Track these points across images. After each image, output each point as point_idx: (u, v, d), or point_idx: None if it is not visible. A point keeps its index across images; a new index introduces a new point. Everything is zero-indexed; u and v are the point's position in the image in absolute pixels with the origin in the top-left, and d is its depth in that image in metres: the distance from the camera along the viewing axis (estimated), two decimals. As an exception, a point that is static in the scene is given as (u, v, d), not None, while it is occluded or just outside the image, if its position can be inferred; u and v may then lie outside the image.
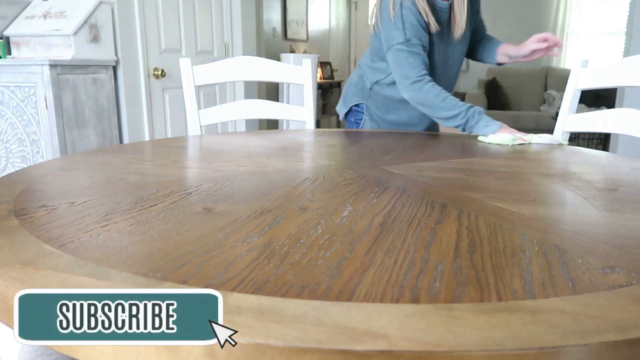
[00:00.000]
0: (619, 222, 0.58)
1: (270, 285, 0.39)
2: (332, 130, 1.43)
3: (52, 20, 2.20)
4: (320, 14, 5.51)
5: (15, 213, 0.57)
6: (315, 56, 4.55)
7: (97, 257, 0.44)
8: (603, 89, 3.96)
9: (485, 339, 0.31)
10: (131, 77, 2.50)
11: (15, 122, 2.19)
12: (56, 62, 2.08)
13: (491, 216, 0.58)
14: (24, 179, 0.75)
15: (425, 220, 0.56)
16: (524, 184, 0.77)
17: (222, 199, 0.65)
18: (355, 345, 0.31)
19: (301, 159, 0.99)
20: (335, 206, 0.62)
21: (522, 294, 0.38)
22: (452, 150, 1.14)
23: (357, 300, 0.36)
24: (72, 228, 0.52)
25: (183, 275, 0.41)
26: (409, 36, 1.29)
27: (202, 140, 1.24)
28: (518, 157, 1.02)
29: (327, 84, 5.21)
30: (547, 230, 0.54)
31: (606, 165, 0.95)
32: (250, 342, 0.31)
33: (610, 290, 0.39)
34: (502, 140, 1.17)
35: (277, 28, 4.53)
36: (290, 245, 0.48)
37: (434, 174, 0.83)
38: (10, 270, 0.41)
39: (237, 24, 3.23)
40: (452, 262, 0.44)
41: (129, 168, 0.86)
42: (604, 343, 0.31)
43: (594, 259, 0.45)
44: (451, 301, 0.37)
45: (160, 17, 2.67)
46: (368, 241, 0.49)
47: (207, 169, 0.87)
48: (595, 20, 5.41)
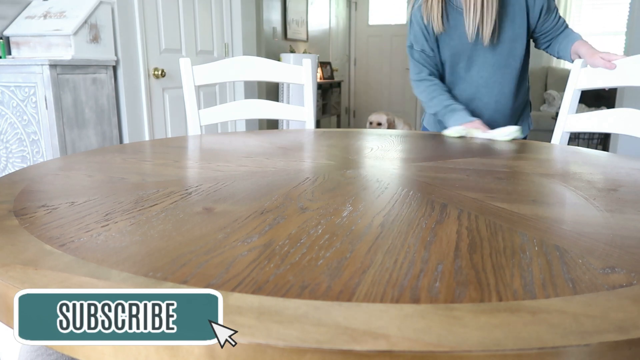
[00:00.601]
0: (619, 222, 0.58)
1: (270, 285, 0.39)
2: (332, 130, 1.43)
3: (52, 20, 2.20)
4: (320, 14, 5.51)
5: (15, 213, 0.57)
6: (315, 56, 4.56)
7: (97, 257, 0.44)
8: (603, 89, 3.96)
9: (486, 339, 0.31)
10: (131, 77, 2.50)
11: (15, 122, 2.19)
12: (56, 62, 2.08)
13: (491, 216, 0.58)
14: (24, 179, 0.75)
15: (426, 220, 0.56)
16: (524, 184, 0.77)
17: (222, 198, 0.65)
18: (356, 346, 0.31)
19: (301, 159, 0.99)
20: (336, 206, 0.62)
21: (522, 294, 0.38)
22: (452, 150, 1.14)
23: (358, 300, 0.36)
24: (72, 228, 0.52)
25: (183, 275, 0.41)
26: (411, 42, 1.44)
27: (202, 140, 1.24)
28: (518, 157, 1.02)
29: (327, 84, 5.21)
30: (547, 230, 0.54)
31: (606, 165, 0.95)
32: (251, 342, 0.31)
33: (610, 290, 0.39)
34: (452, 132, 1.28)
35: (277, 28, 4.53)
36: (290, 245, 0.48)
37: (434, 174, 0.83)
38: (10, 270, 0.41)
39: (237, 24, 3.23)
40: (453, 262, 0.44)
41: (129, 168, 0.86)
42: (605, 343, 0.31)
43: (594, 259, 0.45)
44: (451, 301, 0.37)
45: (160, 17, 2.67)
46: (368, 241, 0.49)
47: (207, 168, 0.87)
48: (595, 20, 5.41)
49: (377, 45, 6.12)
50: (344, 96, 6.04)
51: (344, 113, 6.20)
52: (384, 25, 6.05)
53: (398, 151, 1.09)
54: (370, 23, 6.14)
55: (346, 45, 6.24)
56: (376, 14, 6.11)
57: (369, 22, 6.15)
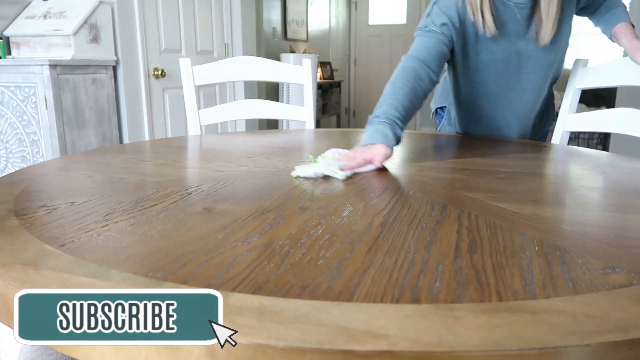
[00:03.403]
0: (619, 222, 0.58)
1: (270, 285, 0.39)
2: (332, 130, 1.43)
3: (52, 20, 2.20)
4: (320, 14, 5.51)
5: (15, 213, 0.57)
6: (315, 56, 4.55)
7: (98, 257, 0.44)
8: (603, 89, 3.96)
9: (486, 339, 0.31)
10: (131, 77, 2.50)
11: (15, 122, 2.19)
12: (56, 62, 2.07)
13: (491, 216, 0.58)
14: (24, 179, 0.75)
15: (426, 220, 0.56)
16: (524, 184, 0.77)
17: (223, 198, 0.65)
18: (356, 346, 0.31)
19: (301, 158, 0.99)
20: (336, 206, 0.62)
21: (522, 294, 0.38)
22: (452, 150, 1.14)
23: (358, 301, 0.36)
24: (73, 228, 0.52)
25: (183, 275, 0.41)
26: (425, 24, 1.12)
27: (202, 140, 1.24)
28: (518, 157, 1.02)
29: (327, 84, 5.21)
30: (547, 230, 0.54)
31: (606, 165, 0.95)
32: (251, 342, 0.31)
33: (610, 290, 0.39)
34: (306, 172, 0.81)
35: (277, 28, 4.53)
36: (290, 245, 0.48)
37: (434, 174, 0.83)
38: (10, 270, 0.41)
39: (237, 24, 3.23)
40: (453, 262, 0.44)
41: (129, 168, 0.86)
42: (605, 343, 0.31)
43: (595, 259, 0.45)
44: (452, 301, 0.37)
45: (160, 17, 2.67)
46: (368, 241, 0.49)
47: (207, 168, 0.87)
48: (595, 20, 5.41)
49: (377, 45, 6.12)
50: (344, 96, 6.04)
51: (344, 113, 6.20)
52: (384, 25, 6.05)
53: (398, 151, 1.09)
54: (370, 23, 6.14)
55: (346, 45, 6.24)
56: (376, 14, 6.11)
57: (369, 22, 6.15)
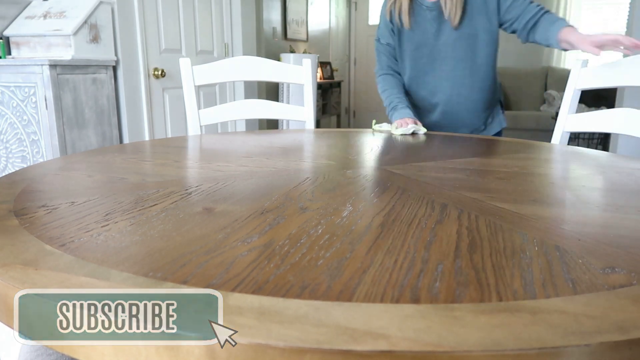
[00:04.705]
0: (619, 222, 0.58)
1: (270, 285, 0.39)
2: (332, 130, 1.43)
3: (52, 20, 2.20)
4: (320, 14, 5.51)
5: (15, 213, 0.57)
6: (315, 56, 4.55)
7: (98, 257, 0.44)
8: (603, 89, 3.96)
9: (486, 339, 0.31)
10: (131, 77, 2.50)
11: (15, 122, 2.19)
12: (56, 62, 2.07)
13: (491, 216, 0.58)
14: (24, 179, 0.75)
15: (426, 220, 0.56)
16: (524, 184, 0.77)
17: (223, 199, 0.65)
18: (356, 346, 0.31)
19: (301, 159, 0.99)
20: (336, 206, 0.62)
21: (522, 294, 0.38)
22: (452, 150, 1.14)
23: (358, 301, 0.36)
24: (73, 228, 0.52)
25: (183, 275, 0.41)
26: (378, 36, 1.56)
27: (202, 140, 1.24)
28: (518, 157, 1.02)
29: (327, 84, 5.20)
30: (547, 230, 0.54)
31: (606, 165, 0.95)
32: (251, 342, 0.31)
33: (610, 290, 0.39)
34: (387, 128, 1.41)
35: (277, 28, 4.53)
36: (290, 245, 0.48)
37: (434, 174, 0.83)
38: (10, 270, 0.41)
39: (237, 24, 3.23)
40: (453, 263, 0.44)
41: (129, 168, 0.86)
42: (605, 343, 0.31)
43: (595, 259, 0.45)
44: (452, 301, 0.37)
45: (160, 17, 2.67)
46: (368, 241, 0.49)
47: (207, 168, 0.87)
48: (595, 21, 5.41)
49: (377, 45, 6.11)
50: (343, 96, 6.04)
51: (344, 113, 6.20)
52: (384, 25, 6.04)
53: (398, 151, 1.09)
54: (370, 23, 6.14)
55: (346, 45, 6.24)
56: (376, 13, 6.11)
57: (369, 22, 6.15)
